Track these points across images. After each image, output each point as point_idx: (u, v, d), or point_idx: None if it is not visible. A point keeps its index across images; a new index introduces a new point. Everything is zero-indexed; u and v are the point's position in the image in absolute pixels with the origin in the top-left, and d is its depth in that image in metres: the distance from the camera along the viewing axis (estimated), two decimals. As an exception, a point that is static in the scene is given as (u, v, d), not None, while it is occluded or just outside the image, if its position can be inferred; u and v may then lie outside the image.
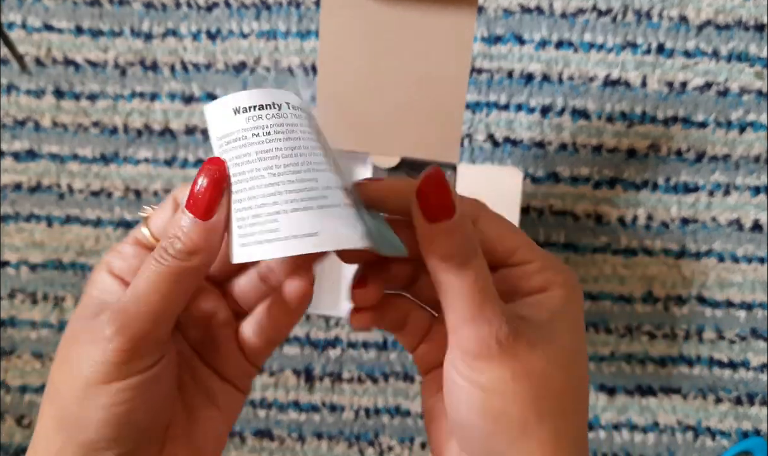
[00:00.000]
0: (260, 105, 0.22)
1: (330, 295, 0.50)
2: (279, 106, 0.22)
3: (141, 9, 0.53)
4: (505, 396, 0.21)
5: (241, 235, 0.22)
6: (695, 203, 0.52)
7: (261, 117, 0.22)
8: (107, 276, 0.24)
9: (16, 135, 0.53)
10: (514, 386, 0.21)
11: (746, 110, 0.52)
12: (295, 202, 0.21)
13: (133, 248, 0.24)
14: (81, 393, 0.21)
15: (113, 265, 0.24)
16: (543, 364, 0.22)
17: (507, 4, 0.52)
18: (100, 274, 0.24)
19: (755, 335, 0.52)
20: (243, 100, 0.22)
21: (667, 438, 0.52)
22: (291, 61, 0.53)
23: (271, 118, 0.22)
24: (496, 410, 0.22)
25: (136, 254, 0.24)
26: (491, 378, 0.21)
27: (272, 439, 0.53)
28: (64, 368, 0.22)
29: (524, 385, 0.21)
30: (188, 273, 0.22)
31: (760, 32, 0.52)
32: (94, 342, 0.21)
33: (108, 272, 0.24)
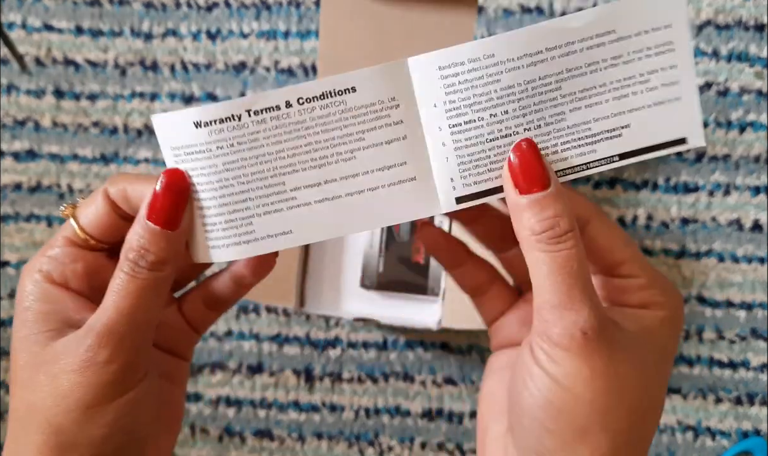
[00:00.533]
0: (220, 119, 0.22)
1: (330, 296, 0.50)
2: (239, 117, 0.22)
3: (141, 9, 0.53)
4: (575, 394, 0.20)
5: (211, 238, 0.23)
6: (695, 203, 0.52)
7: (222, 130, 0.22)
8: (48, 285, 0.23)
9: (16, 135, 0.54)
10: (588, 386, 0.20)
11: (746, 110, 0.52)
12: (266, 207, 0.23)
13: (65, 250, 0.24)
14: (81, 416, 0.21)
15: (52, 273, 0.23)
16: (624, 370, 0.21)
17: (507, 4, 0.52)
18: (38, 284, 0.23)
19: (755, 335, 0.52)
20: (203, 114, 0.22)
21: (667, 438, 0.52)
22: (291, 61, 0.53)
23: (232, 130, 0.22)
24: (562, 406, 0.20)
25: (72, 257, 0.24)
26: (567, 371, 0.20)
27: (272, 439, 0.53)
28: (48, 397, 0.22)
29: (600, 388, 0.20)
30: (163, 282, 0.23)
31: (761, 32, 0.52)
32: (84, 368, 0.21)
33: (47, 281, 0.23)
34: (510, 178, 0.21)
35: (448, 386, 0.53)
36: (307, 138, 0.23)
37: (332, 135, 0.23)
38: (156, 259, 0.22)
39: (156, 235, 0.22)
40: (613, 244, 0.23)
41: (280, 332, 0.53)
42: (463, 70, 0.22)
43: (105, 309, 0.22)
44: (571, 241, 0.20)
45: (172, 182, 0.22)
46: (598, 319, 0.20)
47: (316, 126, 0.22)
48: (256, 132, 0.22)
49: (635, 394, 0.21)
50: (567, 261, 0.20)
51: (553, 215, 0.21)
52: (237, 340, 0.53)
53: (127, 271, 0.22)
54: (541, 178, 0.21)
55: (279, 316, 0.53)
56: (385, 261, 0.49)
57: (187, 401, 0.53)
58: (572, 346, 0.20)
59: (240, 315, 0.53)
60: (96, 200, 0.24)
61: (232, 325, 0.53)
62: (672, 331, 0.23)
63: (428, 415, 0.53)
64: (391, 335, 0.53)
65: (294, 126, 0.22)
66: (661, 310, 0.22)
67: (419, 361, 0.53)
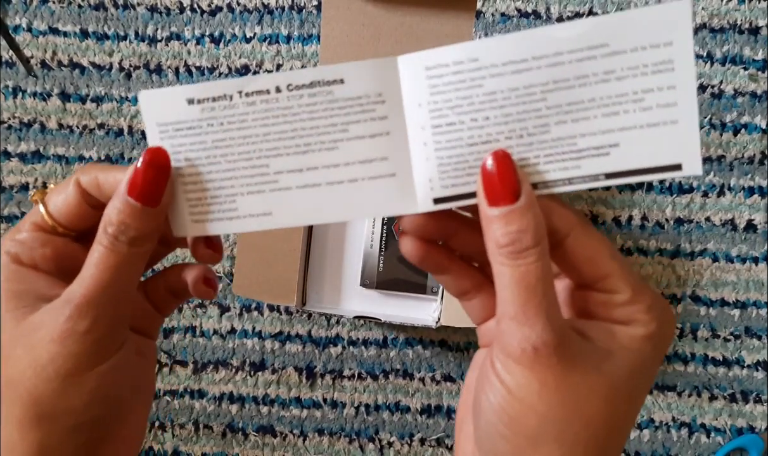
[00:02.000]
0: (213, 97, 0.23)
1: (331, 294, 0.51)
2: (230, 97, 0.23)
3: (145, 13, 0.54)
4: (526, 404, 0.20)
5: (193, 213, 0.24)
6: (690, 204, 0.53)
7: (214, 108, 0.23)
8: (16, 266, 0.23)
9: (23, 136, 0.54)
10: (540, 398, 0.20)
11: (740, 112, 0.52)
12: (249, 186, 0.23)
13: (33, 235, 0.24)
14: (61, 385, 0.21)
15: (20, 255, 0.24)
16: (582, 389, 0.20)
17: (505, 9, 0.53)
18: (7, 265, 0.23)
19: (749, 334, 0.52)
20: (197, 91, 0.23)
21: (663, 435, 0.53)
22: (293, 64, 0.54)
23: (223, 110, 0.23)
24: (514, 415, 0.21)
25: (40, 241, 0.24)
26: (519, 382, 0.20)
27: (274, 435, 0.53)
28: (27, 368, 0.22)
29: (552, 401, 0.20)
30: (141, 257, 0.23)
31: (755, 35, 0.52)
32: (63, 337, 0.21)
33: (15, 262, 0.23)
34: (482, 188, 0.21)
35: (447, 383, 0.53)
36: (293, 124, 0.23)
37: (317, 123, 0.23)
38: (136, 234, 0.22)
39: (136, 211, 0.22)
40: (596, 257, 0.22)
41: (282, 330, 0.53)
42: (448, 72, 0.22)
43: (83, 280, 0.22)
44: (532, 256, 0.20)
45: (154, 159, 0.22)
46: (554, 334, 0.20)
47: (303, 113, 0.23)
48: (245, 113, 0.23)
49: (596, 408, 0.21)
50: (525, 276, 0.20)
51: (518, 230, 0.20)
52: (240, 338, 0.53)
53: (107, 244, 0.22)
54: (511, 192, 0.21)
55: (281, 315, 0.53)
56: (385, 260, 0.49)
57: (191, 398, 0.54)
58: (523, 359, 0.20)
59: (243, 313, 0.53)
60: (66, 188, 0.24)
61: (235, 324, 0.53)
62: (653, 350, 0.22)
63: (427, 412, 0.53)
64: (391, 333, 0.53)
65: (282, 111, 0.23)
66: (643, 327, 0.22)
67: (418, 359, 0.53)
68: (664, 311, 0.22)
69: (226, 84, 0.23)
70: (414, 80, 0.22)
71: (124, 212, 0.22)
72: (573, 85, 0.21)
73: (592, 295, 0.23)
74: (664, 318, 0.22)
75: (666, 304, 0.22)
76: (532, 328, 0.20)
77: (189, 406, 0.54)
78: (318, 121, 0.23)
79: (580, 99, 0.21)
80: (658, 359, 0.22)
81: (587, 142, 0.22)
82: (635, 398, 0.22)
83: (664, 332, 0.22)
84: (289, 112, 0.23)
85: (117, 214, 0.22)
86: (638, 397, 0.22)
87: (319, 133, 0.23)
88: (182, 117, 0.23)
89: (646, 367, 0.22)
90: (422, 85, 0.22)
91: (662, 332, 0.22)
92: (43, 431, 0.22)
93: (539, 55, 0.21)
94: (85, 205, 0.24)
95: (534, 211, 0.21)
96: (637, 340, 0.22)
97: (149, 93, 0.23)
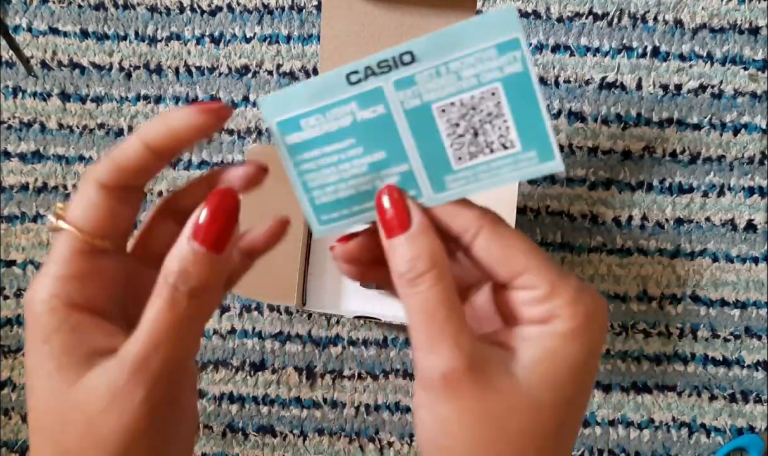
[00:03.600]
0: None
1: (331, 294, 0.51)
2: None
3: (145, 13, 0.54)
4: (451, 433, 0.20)
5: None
6: (690, 204, 0.53)
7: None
8: (68, 311, 0.20)
9: (23, 136, 0.54)
10: (459, 426, 0.20)
11: (740, 112, 0.52)
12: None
13: (74, 264, 0.21)
14: (106, 453, 0.20)
15: (72, 295, 0.21)
16: (499, 409, 0.20)
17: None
18: (57, 311, 0.20)
19: (749, 333, 0.52)
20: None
21: (662, 435, 0.53)
22: (293, 64, 0.54)
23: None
24: (441, 444, 0.20)
25: (87, 269, 0.21)
26: (439, 412, 0.20)
27: (274, 435, 0.53)
28: (80, 436, 0.19)
29: (472, 426, 0.20)
30: (204, 311, 0.21)
31: (755, 35, 0.52)
32: (119, 409, 0.19)
33: (67, 306, 0.20)
34: (379, 223, 0.21)
35: (447, 384, 0.53)
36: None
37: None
38: (198, 284, 0.20)
39: (200, 257, 0.20)
40: (508, 254, 0.21)
41: (282, 330, 0.53)
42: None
43: (137, 340, 0.20)
44: (428, 281, 0.20)
45: (223, 202, 0.20)
46: (461, 358, 0.19)
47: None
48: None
49: (519, 426, 0.20)
50: (424, 303, 0.20)
51: (410, 257, 0.20)
52: (240, 338, 0.53)
53: (166, 297, 0.19)
54: (402, 222, 0.21)
55: (281, 315, 0.53)
56: (385, 260, 0.49)
57: (191, 398, 0.54)
58: (437, 388, 0.20)
59: (243, 313, 0.53)
60: (85, 193, 0.21)
61: (235, 324, 0.53)
62: (581, 347, 0.20)
63: (427, 412, 0.53)
64: (391, 333, 0.53)
65: None
66: (564, 323, 0.20)
67: (419, 359, 0.53)
68: (592, 303, 0.21)
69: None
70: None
71: (188, 259, 0.20)
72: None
73: (512, 294, 0.22)
74: (591, 310, 0.21)
75: (594, 294, 0.21)
76: (438, 356, 0.20)
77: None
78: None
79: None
80: (590, 355, 0.21)
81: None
82: (571, 402, 0.21)
83: (592, 325, 0.21)
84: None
85: (179, 261, 0.20)
86: (575, 400, 0.21)
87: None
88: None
89: (577, 370, 0.21)
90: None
91: (589, 326, 0.20)
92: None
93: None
94: (111, 201, 0.21)
95: (426, 236, 0.21)
96: (560, 339, 0.20)
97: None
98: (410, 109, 0.21)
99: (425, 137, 0.22)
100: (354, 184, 0.23)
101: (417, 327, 0.20)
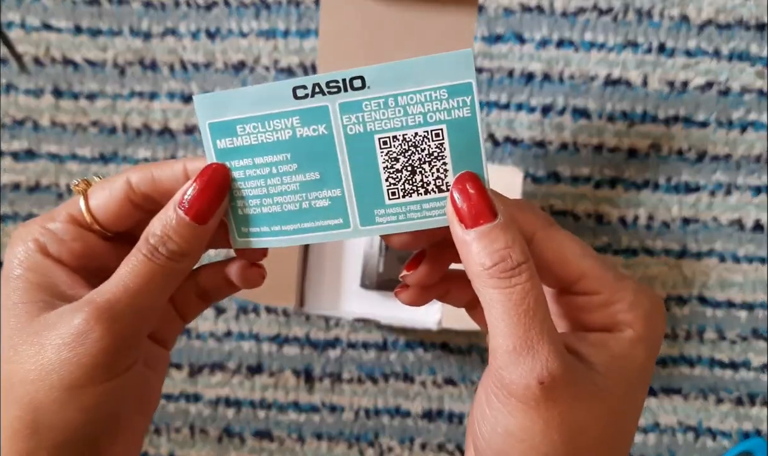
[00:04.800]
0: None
1: (329, 296, 0.50)
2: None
3: (140, 8, 0.53)
4: (527, 445, 0.19)
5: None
6: (696, 203, 0.52)
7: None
8: (42, 257, 0.22)
9: (15, 134, 0.53)
10: (542, 439, 0.19)
11: (747, 110, 0.52)
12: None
13: (67, 227, 0.23)
14: (62, 396, 0.20)
15: (48, 247, 0.22)
16: (584, 418, 0.19)
17: (507, 3, 0.52)
18: (31, 253, 0.22)
19: (756, 335, 0.52)
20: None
21: (668, 438, 0.52)
22: (291, 60, 0.53)
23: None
24: (515, 453, 0.19)
25: (73, 235, 0.23)
26: (521, 424, 0.19)
27: (272, 439, 0.53)
28: (33, 370, 0.20)
29: (554, 440, 0.19)
30: (178, 273, 0.22)
31: (761, 32, 0.52)
32: (75, 342, 0.20)
33: (41, 253, 0.22)
34: (454, 214, 0.20)
35: (448, 387, 0.52)
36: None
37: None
38: (178, 249, 0.21)
39: (183, 226, 0.21)
40: (566, 257, 0.20)
41: (279, 332, 0.53)
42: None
43: (110, 285, 0.21)
44: (525, 273, 0.19)
45: (214, 177, 0.22)
46: (559, 363, 0.18)
47: None
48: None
49: (598, 433, 0.19)
50: (522, 297, 0.19)
51: (504, 246, 0.19)
52: (236, 341, 0.53)
53: (145, 252, 0.21)
54: (488, 209, 0.20)
55: (279, 317, 0.53)
56: (385, 261, 0.49)
57: (187, 402, 0.53)
58: (527, 397, 0.18)
59: (239, 315, 0.53)
60: (112, 184, 0.23)
61: (232, 326, 0.53)
62: (646, 351, 0.20)
63: (428, 416, 0.52)
64: (391, 335, 0.52)
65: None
66: (629, 329, 0.20)
67: (419, 362, 0.53)
68: (651, 305, 0.20)
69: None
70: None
71: (171, 224, 0.21)
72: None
73: (570, 300, 0.21)
74: (651, 313, 0.20)
75: (652, 295, 0.21)
76: (536, 359, 0.18)
77: (184, 410, 0.53)
78: None
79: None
80: (652, 360, 0.21)
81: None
82: (635, 410, 0.21)
83: (654, 330, 0.20)
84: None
85: (163, 225, 0.21)
86: (637, 407, 0.21)
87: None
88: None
89: (643, 373, 0.20)
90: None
91: (652, 331, 0.20)
92: (33, 443, 0.21)
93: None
94: (128, 204, 0.23)
95: (516, 227, 0.20)
96: (627, 346, 0.20)
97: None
98: (353, 135, 0.21)
99: (363, 166, 0.21)
100: (280, 201, 0.22)
101: (511, 326, 0.19)
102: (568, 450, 0.19)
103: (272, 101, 0.21)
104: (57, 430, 0.21)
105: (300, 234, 0.23)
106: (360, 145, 0.21)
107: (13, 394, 0.21)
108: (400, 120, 0.21)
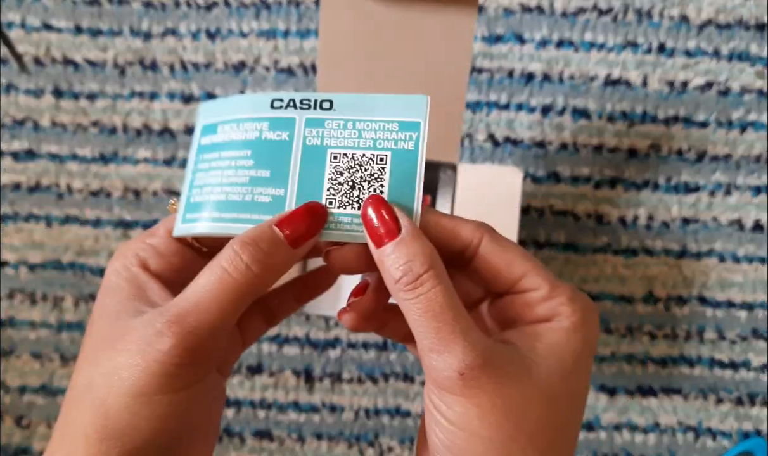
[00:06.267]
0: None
1: (329, 296, 0.50)
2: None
3: (140, 8, 0.53)
4: (472, 433, 0.20)
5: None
6: (696, 203, 0.52)
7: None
8: (139, 270, 0.23)
9: (15, 135, 0.53)
10: (480, 423, 0.20)
11: (747, 110, 0.52)
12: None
13: (166, 242, 0.24)
14: (132, 402, 0.20)
15: (149, 262, 0.23)
16: (516, 400, 0.20)
17: (507, 4, 0.52)
18: (131, 266, 0.23)
19: (756, 335, 0.52)
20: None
21: (668, 438, 0.52)
22: (291, 60, 0.53)
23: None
24: (462, 446, 0.20)
25: (172, 250, 0.23)
26: (457, 413, 0.20)
27: (272, 439, 0.53)
28: (106, 374, 0.20)
29: (492, 423, 0.20)
30: (254, 289, 0.21)
31: (761, 32, 0.52)
32: (146, 350, 0.20)
33: (139, 266, 0.23)
34: (367, 235, 0.22)
35: (449, 386, 0.52)
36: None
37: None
38: (263, 263, 0.21)
39: (276, 241, 0.21)
40: (509, 260, 0.22)
41: (279, 333, 0.53)
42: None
43: (185, 296, 0.21)
44: (428, 282, 0.20)
45: (316, 206, 0.23)
46: (475, 354, 0.20)
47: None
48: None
49: (537, 415, 0.20)
50: (428, 305, 0.20)
51: (405, 261, 0.20)
52: (236, 341, 0.53)
53: (226, 265, 0.21)
54: (391, 229, 0.21)
55: (279, 317, 0.53)
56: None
57: (187, 402, 0.53)
58: (454, 388, 0.20)
59: (239, 315, 0.53)
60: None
61: (232, 326, 0.53)
62: (583, 340, 0.22)
63: (428, 416, 0.52)
64: (391, 335, 0.52)
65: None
66: (567, 319, 0.21)
67: (419, 362, 0.52)
68: (583, 299, 0.22)
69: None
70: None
71: (262, 237, 0.21)
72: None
73: (513, 299, 0.23)
74: (586, 307, 0.22)
75: (585, 295, 0.23)
76: (451, 354, 0.20)
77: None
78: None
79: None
80: (589, 350, 0.22)
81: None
82: (576, 394, 0.22)
83: (590, 322, 0.22)
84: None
85: (254, 236, 0.21)
86: (579, 392, 0.22)
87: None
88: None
89: (580, 363, 0.22)
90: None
91: (587, 322, 0.22)
92: (102, 448, 0.20)
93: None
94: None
95: (419, 239, 0.21)
96: (564, 333, 0.21)
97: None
98: (310, 146, 0.24)
99: (310, 173, 0.23)
100: (227, 190, 0.24)
101: (425, 330, 0.20)
102: (509, 431, 0.20)
103: (252, 109, 0.24)
104: (126, 437, 0.20)
105: (235, 223, 0.23)
106: (313, 155, 0.23)
107: (88, 398, 0.21)
108: (353, 141, 0.23)
